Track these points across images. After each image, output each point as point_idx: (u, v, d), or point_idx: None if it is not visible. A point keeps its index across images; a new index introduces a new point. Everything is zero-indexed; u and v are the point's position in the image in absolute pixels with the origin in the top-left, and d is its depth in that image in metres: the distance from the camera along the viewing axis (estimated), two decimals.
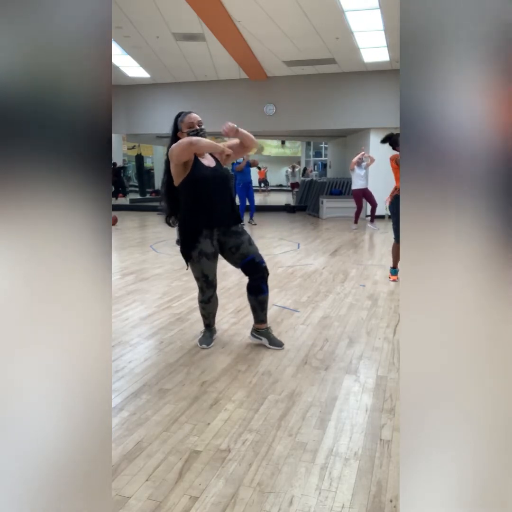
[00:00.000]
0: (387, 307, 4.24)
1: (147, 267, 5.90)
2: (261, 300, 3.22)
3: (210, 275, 3.15)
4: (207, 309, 3.27)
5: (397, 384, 2.69)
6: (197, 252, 3.08)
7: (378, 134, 11.99)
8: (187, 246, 3.11)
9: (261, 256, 3.20)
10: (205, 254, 3.08)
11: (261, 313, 3.25)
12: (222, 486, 1.83)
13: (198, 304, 3.28)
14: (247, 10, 8.44)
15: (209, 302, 3.25)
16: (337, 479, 1.87)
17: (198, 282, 3.20)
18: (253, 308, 3.25)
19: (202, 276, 3.14)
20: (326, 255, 6.80)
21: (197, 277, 3.17)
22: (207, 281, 3.16)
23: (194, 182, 3.05)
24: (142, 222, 11.47)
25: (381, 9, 8.12)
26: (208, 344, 3.25)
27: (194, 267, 3.14)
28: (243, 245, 3.14)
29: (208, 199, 3.06)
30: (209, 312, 3.30)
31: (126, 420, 2.30)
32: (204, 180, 3.05)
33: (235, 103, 12.83)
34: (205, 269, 3.12)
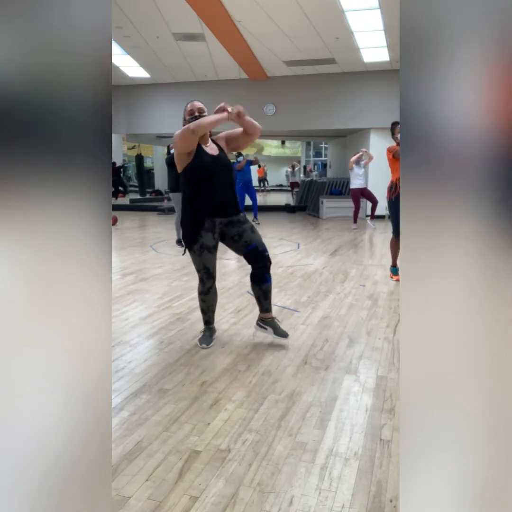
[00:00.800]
0: (387, 307, 4.24)
1: (147, 267, 5.90)
2: (265, 289, 3.25)
3: (211, 267, 3.20)
4: (206, 301, 3.28)
5: (397, 384, 2.69)
6: (199, 246, 3.11)
7: (378, 134, 12.01)
8: (189, 238, 3.14)
9: (264, 245, 3.21)
10: (206, 247, 3.12)
11: (265, 302, 3.27)
12: (222, 486, 1.83)
13: (198, 296, 3.31)
14: (247, 10, 8.44)
15: (208, 293, 3.26)
16: (337, 479, 1.87)
17: (198, 273, 3.23)
18: (257, 298, 3.29)
19: (203, 268, 3.18)
20: (326, 255, 6.80)
21: (198, 269, 3.21)
22: (208, 272, 3.20)
23: (196, 169, 3.06)
24: (142, 222, 11.47)
25: (381, 9, 8.13)
26: (208, 344, 3.25)
27: (196, 260, 3.18)
28: (246, 233, 3.17)
29: (208, 186, 3.08)
30: (208, 305, 3.31)
31: (126, 420, 2.30)
32: (206, 167, 3.07)
33: (235, 103, 12.82)
34: (206, 262, 3.16)
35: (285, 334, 3.27)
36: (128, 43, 10.63)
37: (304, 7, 8.27)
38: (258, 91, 12.67)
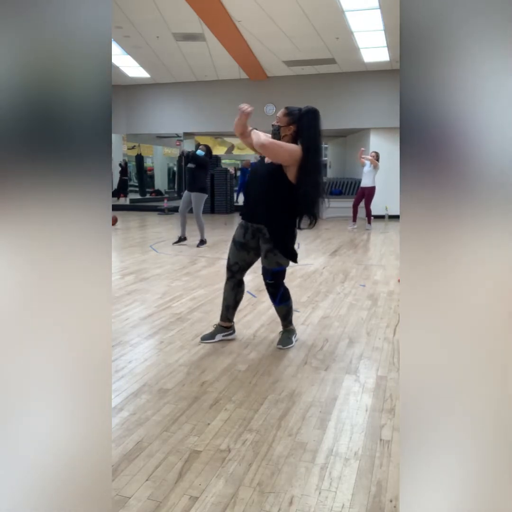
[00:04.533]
0: (387, 307, 4.24)
1: (147, 267, 5.90)
2: (276, 309, 3.35)
3: (231, 259, 3.26)
4: (224, 291, 3.35)
5: (397, 384, 2.69)
6: (233, 236, 3.28)
7: (378, 134, 12.01)
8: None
9: (268, 271, 3.15)
10: (233, 240, 3.25)
11: (281, 321, 3.36)
12: (222, 486, 1.83)
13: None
14: (247, 10, 8.44)
15: (226, 284, 3.32)
16: (337, 479, 1.87)
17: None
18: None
19: (228, 258, 3.29)
20: (326, 255, 6.80)
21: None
22: (228, 263, 3.28)
23: (250, 172, 3.34)
24: (142, 222, 11.46)
25: (381, 9, 8.12)
26: (204, 339, 3.32)
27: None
28: (262, 254, 3.18)
29: (247, 190, 3.27)
30: (223, 296, 3.35)
31: (126, 420, 2.30)
32: (253, 172, 3.27)
33: (235, 103, 12.82)
34: (229, 253, 3.28)
35: (280, 343, 3.26)
36: (128, 43, 10.62)
37: (304, 7, 8.27)
38: (258, 91, 12.65)
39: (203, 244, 7.42)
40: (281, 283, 3.21)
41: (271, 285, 3.20)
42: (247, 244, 3.18)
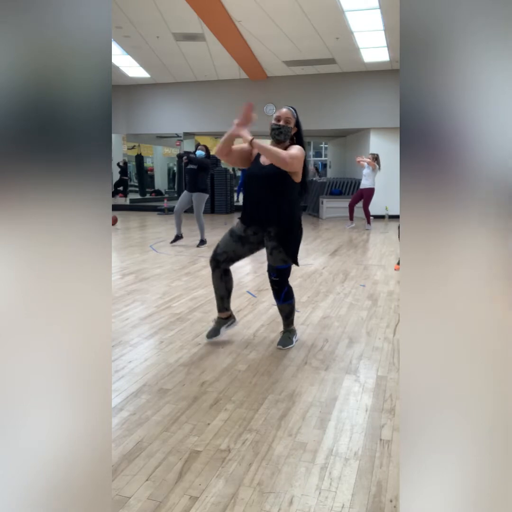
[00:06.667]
0: (387, 307, 4.24)
1: (147, 267, 5.90)
2: (278, 308, 3.34)
3: (220, 248, 3.22)
4: (213, 283, 3.31)
5: (397, 384, 2.69)
6: (231, 228, 3.28)
7: (378, 134, 12.02)
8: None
9: (273, 268, 3.18)
10: (231, 230, 3.24)
11: (283, 320, 3.35)
12: (222, 486, 1.83)
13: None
14: (247, 10, 8.44)
15: (213, 276, 3.28)
16: (337, 479, 1.87)
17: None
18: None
19: (217, 245, 3.26)
20: (326, 255, 6.80)
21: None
22: (215, 251, 3.23)
23: (246, 177, 3.26)
24: (142, 222, 11.47)
25: (381, 9, 8.13)
26: (209, 336, 3.31)
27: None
28: (268, 251, 3.19)
29: (247, 195, 3.25)
30: (215, 289, 3.31)
31: (126, 420, 2.30)
32: (251, 177, 3.20)
33: (235, 103, 12.83)
34: (221, 240, 3.25)
35: (280, 343, 3.26)
36: (128, 43, 10.63)
37: (304, 7, 8.27)
38: (258, 91, 12.66)
39: (203, 244, 7.43)
40: (285, 280, 3.22)
41: (275, 283, 3.20)
42: (247, 238, 3.19)
